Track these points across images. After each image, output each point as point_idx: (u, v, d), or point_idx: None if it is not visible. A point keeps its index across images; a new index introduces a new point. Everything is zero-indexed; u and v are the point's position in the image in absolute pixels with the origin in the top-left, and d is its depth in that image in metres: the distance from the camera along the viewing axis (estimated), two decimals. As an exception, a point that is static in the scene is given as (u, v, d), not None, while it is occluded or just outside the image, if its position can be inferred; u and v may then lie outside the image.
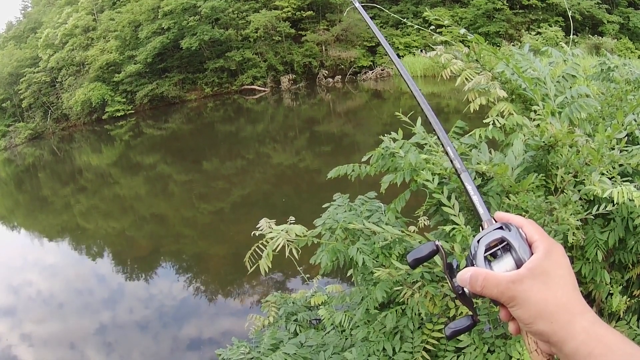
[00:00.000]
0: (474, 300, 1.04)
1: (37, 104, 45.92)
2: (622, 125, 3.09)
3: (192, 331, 9.37)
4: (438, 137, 1.27)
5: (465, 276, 0.97)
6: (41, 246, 17.03)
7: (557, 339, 0.86)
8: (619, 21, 38.70)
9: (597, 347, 0.82)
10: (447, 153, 1.24)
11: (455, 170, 1.18)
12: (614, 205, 2.81)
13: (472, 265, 0.99)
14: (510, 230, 0.98)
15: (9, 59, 48.04)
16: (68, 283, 13.06)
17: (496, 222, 1.03)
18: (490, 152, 3.33)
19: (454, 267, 1.06)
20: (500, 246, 0.98)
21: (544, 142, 3.12)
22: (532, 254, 0.93)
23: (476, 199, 1.12)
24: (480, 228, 1.06)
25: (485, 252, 0.99)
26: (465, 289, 1.00)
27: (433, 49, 3.71)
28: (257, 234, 3.58)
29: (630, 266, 3.43)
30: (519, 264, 0.93)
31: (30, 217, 21.83)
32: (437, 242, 1.07)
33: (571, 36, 5.36)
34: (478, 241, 1.00)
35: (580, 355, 0.83)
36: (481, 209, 1.09)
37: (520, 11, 40.72)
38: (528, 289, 0.88)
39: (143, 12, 42.95)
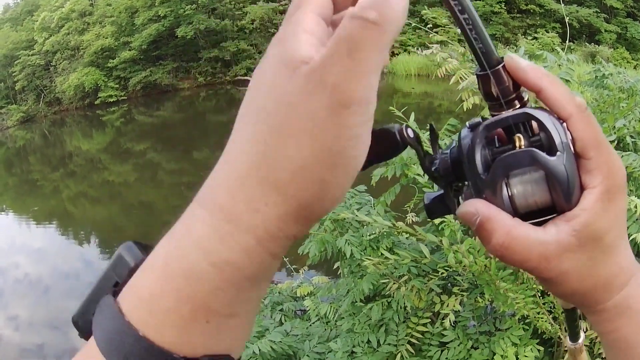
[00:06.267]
0: None
1: (31, 86, 45.66)
2: (613, 129, 3.13)
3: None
4: None
5: (470, 217, 0.58)
6: (28, 229, 16.93)
7: (582, 309, 0.63)
8: (616, 31, 38.63)
9: (624, 326, 0.59)
10: None
11: None
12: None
13: (471, 176, 0.59)
14: (552, 144, 0.54)
15: (5, 41, 47.65)
16: (55, 267, 13.00)
17: (514, 87, 0.57)
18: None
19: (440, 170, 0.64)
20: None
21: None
22: (581, 187, 0.56)
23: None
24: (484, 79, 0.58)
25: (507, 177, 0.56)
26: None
27: (429, 48, 3.73)
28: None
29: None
30: (558, 204, 0.56)
31: (19, 201, 21.74)
32: (401, 129, 0.59)
33: (567, 42, 5.38)
34: (491, 153, 0.58)
35: (603, 328, 0.62)
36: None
37: (518, 15, 40.72)
38: (569, 269, 0.57)
39: (140, -2, 42.86)
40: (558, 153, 0.54)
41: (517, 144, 0.56)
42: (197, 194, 0.51)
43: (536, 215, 0.57)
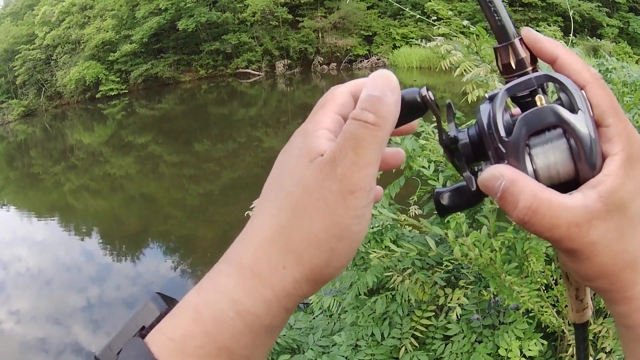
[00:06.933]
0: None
1: (31, 81, 45.58)
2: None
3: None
4: None
5: (494, 182, 0.56)
6: (30, 223, 16.92)
7: (610, 297, 0.58)
8: (618, 25, 38.54)
9: None
10: None
11: None
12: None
13: (493, 143, 0.58)
14: (574, 104, 0.55)
15: (5, 35, 47.56)
16: (56, 260, 13.00)
17: (531, 59, 0.61)
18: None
19: (458, 145, 0.62)
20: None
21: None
22: (602, 156, 0.55)
23: None
24: (502, 56, 0.62)
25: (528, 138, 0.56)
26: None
27: (432, 40, 3.72)
28: (248, 215, 3.59)
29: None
30: (582, 172, 0.55)
31: (21, 194, 21.74)
32: (422, 91, 0.59)
33: (571, 36, 5.35)
34: (512, 119, 0.58)
35: (631, 321, 0.57)
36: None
37: (520, 9, 40.61)
38: (598, 240, 0.54)
39: (141, -9, 42.77)
40: (580, 111, 0.54)
41: (539, 103, 0.57)
42: (224, 255, 0.58)
43: (558, 191, 0.55)
